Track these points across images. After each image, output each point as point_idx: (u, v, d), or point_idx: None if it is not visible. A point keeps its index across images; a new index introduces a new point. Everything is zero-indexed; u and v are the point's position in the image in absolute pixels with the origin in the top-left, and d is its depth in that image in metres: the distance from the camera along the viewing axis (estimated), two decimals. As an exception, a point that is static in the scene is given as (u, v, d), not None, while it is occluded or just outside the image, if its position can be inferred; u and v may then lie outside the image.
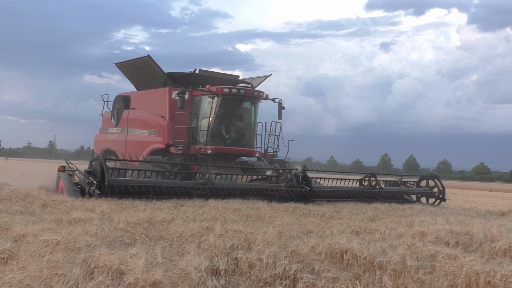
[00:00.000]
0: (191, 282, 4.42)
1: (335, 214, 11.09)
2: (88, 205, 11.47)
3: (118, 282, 4.32)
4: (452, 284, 4.97)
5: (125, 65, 19.31)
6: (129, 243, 6.55)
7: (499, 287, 4.86)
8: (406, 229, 8.55)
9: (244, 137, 17.05)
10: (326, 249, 6.25)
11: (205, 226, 8.02)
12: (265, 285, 4.74)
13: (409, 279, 4.99)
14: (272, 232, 7.41)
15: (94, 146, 21.03)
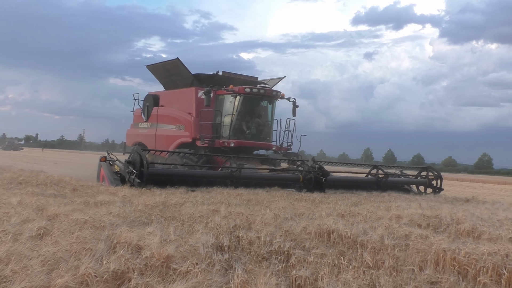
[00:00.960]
0: (199, 256, 4.42)
1: (323, 199, 11.04)
2: (112, 190, 11.47)
3: (137, 255, 4.31)
4: (423, 260, 4.95)
5: (155, 67, 18.72)
6: (147, 222, 6.53)
7: (463, 262, 4.85)
8: (385, 213, 8.50)
9: (262, 132, 16.36)
10: (316, 229, 6.24)
11: (211, 209, 8.00)
12: (262, 260, 4.73)
13: (386, 256, 4.98)
14: (269, 215, 7.38)
15: (126, 139, 20.49)
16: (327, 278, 3.81)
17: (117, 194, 10.25)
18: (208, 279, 3.63)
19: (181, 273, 3.90)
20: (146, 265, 4.06)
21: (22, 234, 5.09)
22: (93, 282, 3.56)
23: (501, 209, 11.13)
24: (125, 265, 3.96)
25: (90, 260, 3.96)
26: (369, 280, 3.86)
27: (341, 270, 4.30)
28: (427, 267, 4.67)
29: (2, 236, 4.90)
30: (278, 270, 4.21)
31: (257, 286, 3.40)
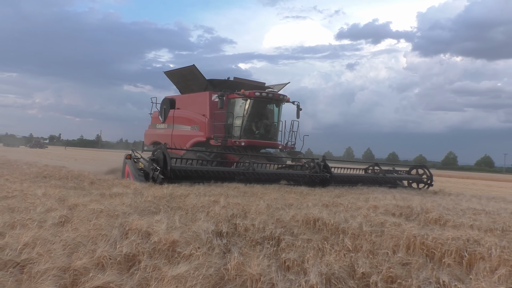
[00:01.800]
0: (201, 241, 4.40)
1: (310, 191, 11.02)
2: (125, 183, 11.43)
3: (146, 240, 4.29)
4: (396, 244, 4.95)
5: (172, 73, 18.34)
6: (155, 211, 6.50)
7: (430, 246, 4.86)
8: (363, 203, 8.50)
9: (269, 132, 15.84)
10: (303, 218, 6.23)
11: (212, 200, 7.97)
12: (256, 244, 4.71)
13: (364, 241, 4.97)
14: (262, 205, 7.36)
15: (144, 139, 19.95)
16: (312, 260, 3.80)
17: (129, 187, 10.21)
18: (209, 261, 3.61)
19: (185, 256, 3.89)
20: (154, 249, 4.04)
21: (46, 221, 5.07)
22: (108, 264, 3.54)
23: (464, 200, 11.17)
24: (136, 249, 3.94)
25: (105, 244, 3.94)
26: (349, 262, 3.85)
27: (324, 253, 4.29)
28: (400, 250, 4.69)
29: (29, 223, 4.88)
30: (270, 253, 4.19)
31: (251, 267, 3.39)
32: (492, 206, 9.78)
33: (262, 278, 3.21)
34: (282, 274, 3.35)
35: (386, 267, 3.64)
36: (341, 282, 3.31)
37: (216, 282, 3.19)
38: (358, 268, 3.66)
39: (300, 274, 3.51)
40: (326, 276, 3.35)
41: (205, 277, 3.14)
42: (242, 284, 3.27)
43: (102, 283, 3.04)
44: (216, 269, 3.43)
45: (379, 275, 3.49)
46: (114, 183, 11.06)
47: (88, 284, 3.05)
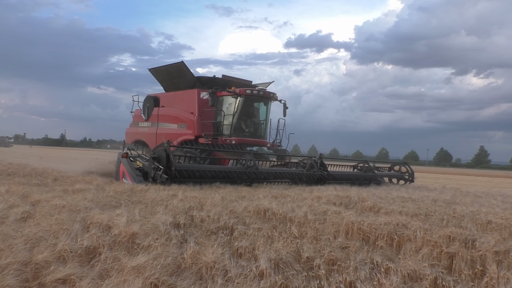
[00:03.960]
0: (159, 232, 4.27)
1: (261, 185, 11.04)
2: (88, 179, 10.99)
3: (107, 233, 4.13)
4: (337, 230, 5.02)
5: (158, 70, 16.42)
6: (116, 206, 6.26)
7: (366, 231, 4.98)
8: (308, 195, 8.54)
9: (258, 130, 14.68)
10: (254, 209, 6.19)
11: (171, 194, 7.78)
12: (212, 234, 4.64)
13: (309, 228, 5.00)
14: (217, 197, 7.27)
15: (126, 137, 18.01)
16: (262, 247, 3.77)
17: (92, 182, 9.83)
18: (166, 251, 3.51)
19: (144, 247, 3.76)
20: (114, 241, 3.88)
21: (8, 217, 4.78)
22: (69, 257, 3.36)
23: (394, 190, 11.52)
24: (97, 241, 3.77)
25: (66, 238, 3.75)
26: (295, 248, 3.87)
27: (273, 240, 4.29)
28: (340, 236, 4.76)
29: (-10, 220, 4.57)
30: (224, 242, 4.14)
31: (205, 255, 3.33)
32: (417, 195, 10.17)
33: (216, 265, 3.16)
34: (235, 261, 3.32)
35: (328, 251, 3.68)
36: (288, 266, 3.31)
37: (173, 271, 3.11)
38: (303, 253, 3.68)
39: (251, 260, 3.48)
40: (275, 261, 3.35)
41: (163, 266, 3.05)
42: (198, 272, 3.20)
43: (63, 276, 2.89)
44: (173, 259, 3.34)
45: (321, 259, 3.52)
46: (77, 180, 10.61)
47: (50, 277, 2.89)
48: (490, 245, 4.16)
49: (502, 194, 13.09)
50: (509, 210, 8.05)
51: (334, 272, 3.28)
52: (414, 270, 3.27)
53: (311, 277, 3.15)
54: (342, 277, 3.10)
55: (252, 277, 3.01)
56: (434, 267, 3.41)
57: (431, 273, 3.19)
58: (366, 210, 7.15)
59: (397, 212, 6.80)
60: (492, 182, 32.19)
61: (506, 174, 62.78)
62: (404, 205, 7.67)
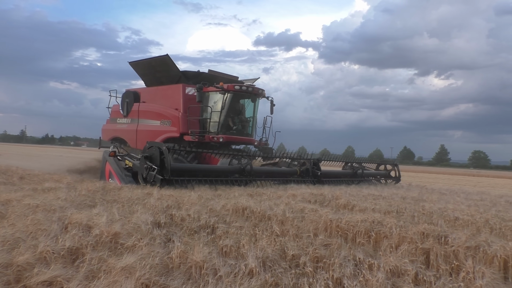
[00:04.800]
0: (142, 232, 4.22)
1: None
2: (56, 177, 10.65)
3: (88, 234, 4.04)
4: (316, 227, 5.11)
5: (139, 64, 15.46)
6: (91, 205, 6.12)
7: (344, 228, 5.10)
8: (283, 193, 8.61)
9: (245, 128, 14.04)
10: (232, 207, 6.20)
11: (146, 192, 7.69)
12: (194, 233, 4.62)
13: (289, 225, 5.07)
14: (194, 196, 7.22)
15: (102, 134, 16.91)
16: (247, 246, 3.81)
17: (61, 181, 9.55)
18: (152, 250, 3.48)
19: (128, 247, 3.71)
20: (97, 241, 3.81)
21: (-21, 218, 4.58)
22: (52, 258, 3.28)
23: (364, 187, 11.84)
24: (79, 242, 3.69)
25: (46, 239, 3.65)
26: (279, 246, 3.92)
27: (257, 238, 4.32)
28: (320, 233, 4.86)
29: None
30: (208, 241, 4.15)
31: (194, 254, 3.33)
32: (386, 192, 10.47)
33: (206, 265, 3.17)
34: (223, 260, 3.33)
35: (312, 249, 3.75)
36: (275, 264, 3.36)
37: (162, 271, 3.09)
38: (288, 251, 3.73)
39: (239, 259, 3.51)
40: (262, 259, 3.39)
41: (152, 266, 3.02)
42: (187, 271, 3.19)
43: (49, 277, 2.82)
44: (161, 258, 3.32)
45: (307, 256, 3.60)
46: (44, 178, 10.27)
47: (35, 279, 2.81)
48: (461, 240, 4.36)
49: (464, 192, 13.69)
50: (473, 207, 8.44)
51: (320, 269, 3.36)
52: (396, 266, 3.39)
53: (299, 274, 3.22)
54: (329, 274, 3.19)
55: (242, 276, 3.04)
56: (414, 262, 3.55)
57: (412, 269, 3.33)
58: (341, 207, 7.29)
59: (371, 209, 6.98)
60: (452, 179, 33.56)
61: (465, 172, 65.64)
62: (376, 203, 7.89)
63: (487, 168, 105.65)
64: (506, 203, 9.95)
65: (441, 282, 3.10)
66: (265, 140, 14.57)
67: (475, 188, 20.33)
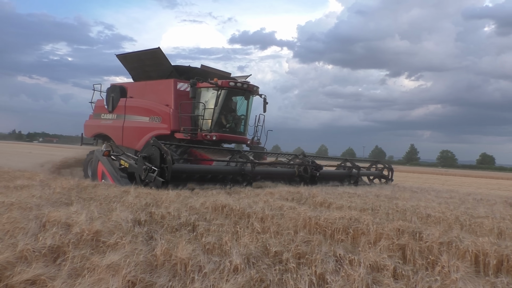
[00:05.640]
0: (123, 230, 4.19)
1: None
2: (28, 174, 10.36)
3: (68, 232, 3.98)
4: (295, 225, 5.18)
5: (127, 57, 14.69)
6: (68, 203, 6.01)
7: (323, 225, 5.20)
8: (260, 191, 8.65)
9: (238, 126, 13.58)
10: (212, 204, 6.20)
11: (122, 190, 7.59)
12: (175, 231, 4.61)
13: (269, 223, 5.13)
14: (172, 193, 7.19)
15: (84, 130, 16.04)
16: (230, 243, 3.85)
17: (34, 178, 9.29)
18: (136, 248, 3.47)
19: (110, 245, 3.68)
20: (78, 239, 3.76)
21: (-49, 217, 4.42)
22: (33, 257, 3.22)
23: (339, 186, 12.03)
24: (60, 240, 3.63)
25: (25, 237, 3.58)
26: (262, 243, 3.97)
27: (239, 236, 4.36)
28: (300, 230, 4.94)
29: None
30: (190, 239, 4.15)
31: (178, 252, 3.33)
32: (360, 190, 10.69)
33: (191, 262, 3.18)
34: (207, 257, 3.36)
35: (294, 246, 3.82)
36: (259, 261, 3.41)
37: (147, 268, 3.09)
38: (270, 248, 3.79)
39: (223, 255, 3.54)
40: (246, 256, 3.43)
41: (137, 264, 3.02)
42: (171, 268, 3.20)
43: (32, 276, 2.77)
44: (145, 256, 3.31)
45: (289, 253, 3.66)
46: (15, 175, 9.97)
47: (17, 278, 2.76)
48: (435, 236, 4.54)
49: (434, 190, 14.13)
50: (444, 204, 8.75)
51: (303, 265, 3.43)
52: (376, 261, 3.50)
53: (283, 270, 3.28)
54: (312, 270, 3.26)
55: (228, 272, 3.07)
56: (392, 258, 3.68)
57: (390, 264, 3.45)
58: (318, 205, 7.41)
59: (347, 207, 7.13)
60: (422, 178, 34.56)
61: (433, 171, 67.69)
62: (352, 200, 8.06)
63: (454, 167, 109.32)
64: (474, 201, 10.35)
65: (419, 276, 3.23)
66: (258, 139, 14.19)
67: (444, 186, 21.03)
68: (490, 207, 8.99)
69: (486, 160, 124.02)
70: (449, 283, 3.12)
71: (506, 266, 3.83)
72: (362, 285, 3.05)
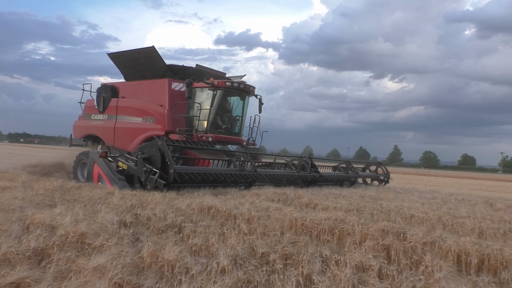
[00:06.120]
0: (108, 231, 4.16)
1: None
2: (9, 176, 10.16)
3: (53, 234, 3.92)
4: (282, 226, 5.21)
5: (119, 56, 14.22)
6: (51, 204, 5.92)
7: (309, 226, 5.23)
8: (246, 192, 8.67)
9: (234, 126, 13.28)
10: (198, 206, 6.19)
11: (106, 191, 7.53)
12: (161, 232, 4.60)
13: (256, 224, 5.14)
14: (158, 195, 7.15)
15: (73, 131, 15.42)
16: (217, 244, 3.85)
17: (15, 180, 9.11)
18: (122, 250, 3.44)
19: (96, 247, 3.65)
20: (63, 242, 3.71)
21: None
22: (16, 259, 3.17)
23: (324, 186, 12.13)
24: (44, 242, 3.58)
25: (8, 239, 3.52)
26: (248, 244, 3.98)
27: (226, 237, 4.36)
28: (286, 231, 4.97)
29: None
30: (177, 240, 4.14)
31: (165, 253, 3.32)
32: (345, 191, 10.80)
33: (178, 263, 3.18)
34: (194, 258, 3.35)
35: (280, 247, 3.85)
36: (246, 262, 3.42)
37: (134, 270, 3.07)
38: (257, 249, 3.80)
39: (209, 257, 3.54)
40: (233, 257, 3.44)
41: (124, 266, 3.00)
42: (158, 270, 3.19)
43: (16, 279, 2.73)
44: (131, 258, 3.29)
45: (276, 254, 3.68)
46: (-5, 177, 9.77)
47: (1, 281, 2.71)
48: (419, 236, 4.62)
49: (417, 190, 14.36)
50: (427, 205, 8.90)
51: (290, 266, 3.46)
52: (361, 261, 3.55)
53: (270, 271, 3.30)
54: (299, 271, 3.29)
55: (215, 274, 3.08)
56: (377, 258, 3.73)
57: (376, 264, 3.50)
58: (304, 206, 7.46)
59: (332, 207, 7.19)
60: (405, 178, 34.99)
61: (416, 171, 68.68)
62: (337, 201, 8.14)
63: (436, 168, 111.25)
64: (456, 201, 10.57)
65: (403, 276, 3.28)
66: (253, 140, 13.86)
67: (427, 187, 21.35)
68: (472, 207, 9.19)
69: (467, 161, 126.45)
70: (432, 282, 3.18)
71: (487, 265, 3.92)
72: (348, 285, 3.10)
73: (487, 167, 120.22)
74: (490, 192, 21.23)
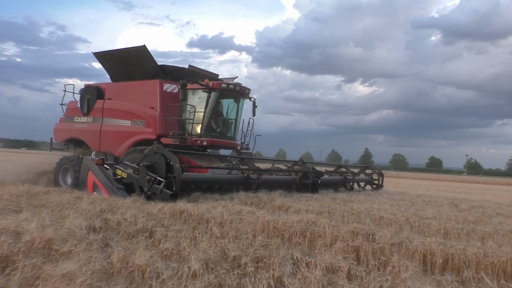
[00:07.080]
0: (77, 237, 4.07)
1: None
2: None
3: (17, 240, 3.81)
4: (254, 229, 5.21)
5: (107, 55, 13.40)
6: (17, 210, 5.75)
7: (281, 229, 5.27)
8: (219, 196, 8.67)
9: (228, 130, 12.73)
10: (169, 210, 6.11)
11: (75, 196, 7.36)
12: (132, 237, 4.54)
13: (228, 227, 5.14)
14: (129, 199, 7.06)
15: (54, 134, 14.50)
16: (188, 248, 3.84)
17: (-22, 184, 8.81)
18: (91, 256, 3.38)
19: (64, 253, 3.57)
20: (29, 248, 3.61)
21: None
22: (-21, 268, 3.07)
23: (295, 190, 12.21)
24: (8, 249, 3.48)
25: (-30, 247, 3.40)
26: (220, 247, 3.98)
27: (197, 241, 4.35)
28: (258, 234, 4.99)
29: None
30: (148, 245, 4.10)
31: (135, 258, 3.29)
32: (318, 193, 10.95)
33: (148, 268, 3.15)
34: (165, 263, 3.33)
35: (252, 250, 3.87)
36: (218, 266, 3.43)
37: (103, 276, 3.02)
38: (229, 252, 3.81)
39: (181, 261, 3.53)
40: (204, 261, 3.44)
41: (93, 272, 2.95)
42: (128, 275, 3.15)
43: (-21, 289, 2.64)
44: (101, 264, 3.24)
45: (247, 257, 3.70)
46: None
47: (-38, 291, 2.62)
48: (387, 238, 4.74)
49: (387, 192, 14.68)
50: (395, 206, 9.13)
51: (261, 269, 3.49)
52: (331, 263, 3.62)
53: (241, 274, 3.32)
54: (270, 273, 3.32)
55: (186, 278, 3.07)
56: (346, 259, 3.81)
57: (345, 265, 3.58)
58: (276, 209, 7.50)
59: (304, 210, 7.26)
60: (376, 181, 35.72)
61: (386, 174, 70.22)
62: (309, 204, 8.23)
63: (405, 170, 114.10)
64: (423, 202, 10.88)
65: (371, 276, 3.37)
66: (246, 145, 13.43)
67: (396, 188, 21.86)
68: (438, 208, 9.49)
69: (434, 163, 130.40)
70: (399, 282, 3.28)
71: (451, 264, 4.07)
72: (318, 287, 3.15)
73: (453, 169, 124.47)
74: (455, 194, 21.97)
